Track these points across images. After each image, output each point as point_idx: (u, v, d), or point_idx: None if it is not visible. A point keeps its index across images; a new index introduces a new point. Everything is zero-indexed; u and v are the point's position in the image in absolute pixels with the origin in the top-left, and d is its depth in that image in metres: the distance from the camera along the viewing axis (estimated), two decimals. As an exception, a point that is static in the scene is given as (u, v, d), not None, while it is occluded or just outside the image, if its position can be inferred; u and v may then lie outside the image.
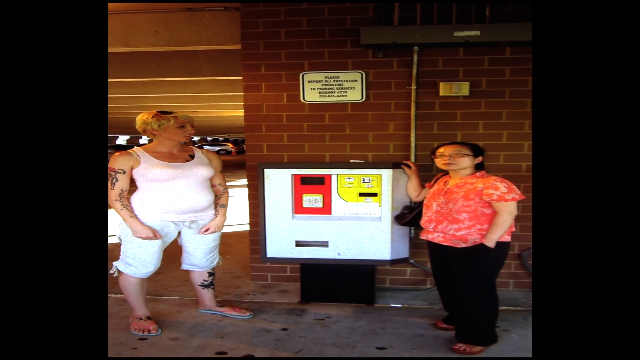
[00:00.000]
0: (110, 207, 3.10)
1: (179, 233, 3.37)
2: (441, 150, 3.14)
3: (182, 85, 9.37)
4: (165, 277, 4.42)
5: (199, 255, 3.43)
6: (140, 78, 7.50)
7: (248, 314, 3.59)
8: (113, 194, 3.10)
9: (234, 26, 4.45)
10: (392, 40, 3.73)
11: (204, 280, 3.55)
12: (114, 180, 3.09)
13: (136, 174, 3.15)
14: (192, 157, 3.30)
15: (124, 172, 3.11)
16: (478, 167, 3.11)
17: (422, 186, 3.54)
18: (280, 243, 3.72)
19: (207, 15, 4.57)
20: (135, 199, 3.19)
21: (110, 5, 4.60)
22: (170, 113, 3.21)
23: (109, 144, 37.69)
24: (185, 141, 3.28)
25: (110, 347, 3.11)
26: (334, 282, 3.86)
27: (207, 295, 3.61)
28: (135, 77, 7.39)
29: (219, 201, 3.41)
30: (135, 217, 3.14)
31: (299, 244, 3.71)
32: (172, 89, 9.65)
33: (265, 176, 3.66)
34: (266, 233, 3.71)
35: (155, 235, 3.16)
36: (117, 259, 3.28)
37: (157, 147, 3.23)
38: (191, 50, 5.42)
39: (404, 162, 3.63)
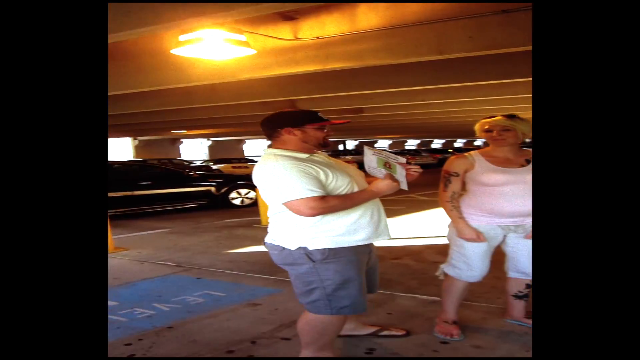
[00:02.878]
0: (441, 207, 3.28)
1: (504, 239, 3.32)
2: None
3: (497, 88, 9.26)
4: (473, 283, 4.41)
5: (526, 260, 3.28)
6: (454, 83, 7.68)
7: None
8: (445, 195, 3.22)
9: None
10: None
11: (519, 291, 3.42)
12: (447, 183, 3.21)
13: (468, 178, 3.23)
14: (528, 162, 3.20)
15: (458, 175, 3.20)
16: None
17: None
18: None
19: (523, 15, 4.41)
20: (465, 201, 3.26)
21: (421, 15, 4.79)
22: (512, 117, 3.15)
23: (425, 148, 39.63)
24: (498, 145, 3.19)
25: (413, 347, 3.22)
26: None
27: (518, 306, 3.48)
28: (448, 83, 7.59)
29: None
30: (463, 219, 3.21)
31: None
32: (486, 93, 9.62)
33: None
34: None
35: (479, 237, 3.17)
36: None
37: (493, 151, 3.25)
38: (505, 53, 5.31)
39: None
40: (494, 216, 3.18)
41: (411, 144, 49.82)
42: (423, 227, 8.05)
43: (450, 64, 6.87)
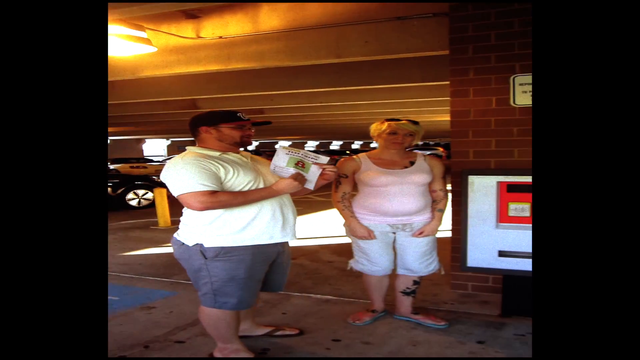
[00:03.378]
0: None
1: (395, 237, 3.48)
2: None
3: (391, 92, 9.58)
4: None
5: (411, 258, 3.46)
6: (352, 87, 7.87)
7: (443, 323, 3.52)
8: (336, 196, 3.41)
9: (443, 32, 4.43)
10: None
11: (407, 288, 3.58)
12: (338, 184, 3.39)
13: (357, 179, 3.40)
14: (412, 163, 3.38)
15: (347, 177, 3.39)
16: None
17: None
18: (482, 252, 3.61)
19: (416, 22, 4.62)
20: (356, 201, 3.44)
21: (321, 19, 4.91)
22: (397, 120, 3.35)
23: (323, 149, 40.25)
24: (395, 148, 3.35)
25: (306, 346, 3.28)
26: (541, 296, 3.62)
27: (405, 303, 3.63)
28: (346, 86, 7.78)
29: (437, 205, 3.42)
30: (355, 217, 3.40)
31: (502, 254, 3.57)
32: (382, 96, 9.93)
33: (468, 183, 3.59)
34: (467, 241, 3.63)
35: (370, 235, 3.37)
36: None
37: (381, 154, 3.43)
38: (400, 58, 5.53)
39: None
40: (381, 215, 3.38)
41: (310, 145, 50.35)
42: (319, 227, 8.18)
43: (348, 67, 7.05)
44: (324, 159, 2.80)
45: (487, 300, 4.03)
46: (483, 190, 3.56)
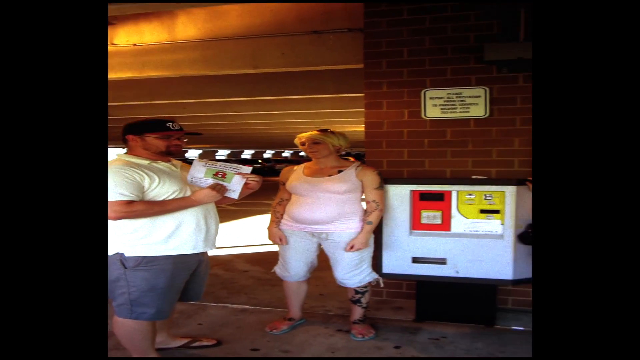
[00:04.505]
0: None
1: (319, 246, 3.58)
2: None
3: (306, 103, 9.73)
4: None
5: (339, 270, 3.48)
6: (267, 96, 7.93)
7: (372, 334, 3.54)
8: (274, 202, 3.62)
9: (358, 46, 4.57)
10: (517, 56, 3.64)
11: (352, 297, 3.60)
12: (278, 191, 3.58)
13: (287, 186, 3.53)
14: (339, 171, 3.44)
15: (283, 184, 3.55)
16: None
17: None
18: (397, 259, 3.73)
19: (332, 37, 4.75)
20: (286, 208, 3.56)
21: (239, 30, 4.95)
22: (324, 131, 3.46)
23: (235, 158, 39.95)
24: (314, 157, 3.47)
25: (224, 356, 3.26)
26: (451, 300, 3.80)
27: (354, 311, 3.62)
28: (262, 96, 7.84)
29: (366, 217, 3.42)
30: (273, 223, 3.55)
31: (416, 260, 3.70)
32: (296, 106, 10.05)
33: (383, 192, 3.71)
34: (382, 248, 3.74)
35: (281, 240, 3.50)
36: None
37: (313, 163, 3.55)
38: (315, 70, 5.67)
39: (529, 178, 3.52)
40: (299, 223, 3.45)
41: (221, 154, 49.80)
42: (233, 236, 8.12)
43: (263, 77, 7.11)
44: (247, 169, 2.83)
45: (401, 306, 4.16)
46: (397, 198, 3.69)
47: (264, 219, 10.59)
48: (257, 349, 3.34)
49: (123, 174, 2.60)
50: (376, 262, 3.66)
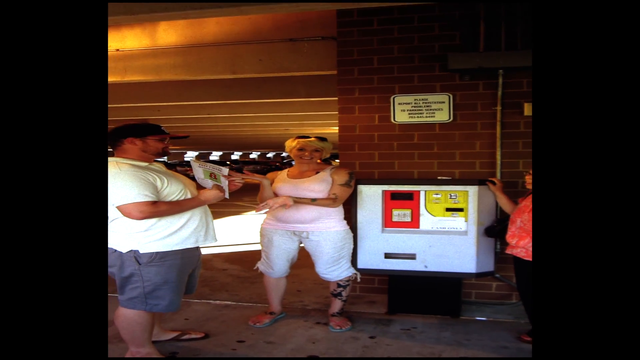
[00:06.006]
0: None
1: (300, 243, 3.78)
2: None
3: (278, 106, 9.92)
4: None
5: (320, 264, 3.70)
6: (241, 100, 8.11)
7: (348, 326, 3.75)
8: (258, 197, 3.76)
9: (330, 54, 4.82)
10: (477, 65, 3.95)
11: (334, 290, 3.82)
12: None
13: (273, 187, 3.70)
14: (317, 173, 3.68)
15: (270, 184, 3.69)
16: None
17: (515, 202, 3.63)
18: (371, 255, 3.97)
19: (306, 44, 4.99)
20: None
21: (218, 36, 5.13)
22: (307, 137, 3.69)
23: (206, 160, 39.70)
24: (304, 163, 3.68)
25: (213, 347, 3.46)
26: (420, 293, 4.05)
27: (333, 304, 3.85)
28: (236, 100, 8.01)
29: (318, 198, 3.56)
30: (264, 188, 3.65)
31: (388, 256, 3.95)
32: (268, 109, 10.24)
33: (357, 192, 3.94)
34: (357, 245, 3.96)
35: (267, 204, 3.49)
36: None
37: (296, 166, 3.78)
38: (288, 75, 5.89)
39: (489, 179, 3.81)
40: (282, 222, 3.68)
41: (190, 155, 49.43)
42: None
43: (238, 82, 7.29)
44: (225, 170, 3.04)
45: (374, 300, 4.40)
46: (370, 198, 3.94)
47: (240, 219, 10.78)
48: (242, 340, 3.54)
49: (140, 176, 2.75)
50: (352, 259, 3.88)
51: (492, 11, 4.03)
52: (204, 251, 3.30)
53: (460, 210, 3.85)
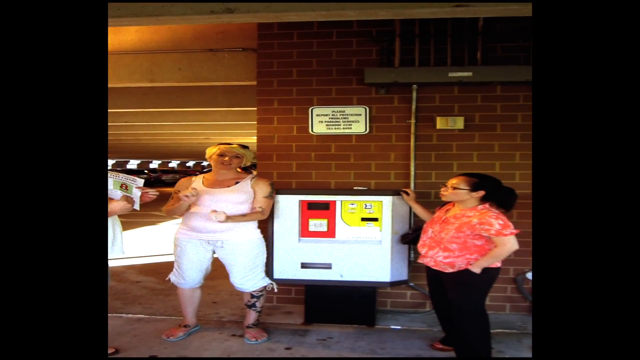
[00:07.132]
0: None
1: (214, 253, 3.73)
2: (451, 179, 3.28)
3: (198, 115, 9.82)
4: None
5: (234, 274, 3.67)
6: (159, 108, 7.96)
7: (264, 337, 3.75)
8: (167, 205, 3.67)
9: (251, 65, 4.84)
10: (393, 80, 4.09)
11: (248, 301, 3.78)
12: (170, 198, 3.65)
13: None
14: (236, 182, 3.64)
15: (177, 192, 3.58)
16: (488, 199, 3.19)
17: (432, 211, 3.65)
18: (287, 265, 3.98)
19: (227, 55, 4.98)
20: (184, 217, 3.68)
21: (137, 45, 5.03)
22: (229, 144, 3.65)
23: (120, 168, 38.47)
24: (224, 169, 3.63)
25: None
26: (336, 303, 4.09)
27: (248, 315, 3.81)
28: (156, 108, 7.85)
29: (247, 213, 3.59)
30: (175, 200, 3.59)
31: (304, 265, 3.97)
32: (188, 118, 10.09)
33: (275, 201, 3.94)
34: (274, 255, 3.97)
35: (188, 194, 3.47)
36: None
37: (213, 174, 3.72)
38: (208, 85, 5.85)
39: (403, 189, 3.93)
40: (196, 232, 3.62)
41: (133, 163, 47.91)
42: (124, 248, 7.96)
43: (157, 90, 7.16)
44: (141, 182, 2.98)
45: (291, 311, 4.42)
46: (287, 207, 3.96)
47: (156, 230, 10.49)
48: (154, 355, 3.46)
49: None
50: (267, 269, 3.89)
51: (407, 29, 4.19)
52: (116, 263, 3.21)
53: (375, 220, 3.94)
